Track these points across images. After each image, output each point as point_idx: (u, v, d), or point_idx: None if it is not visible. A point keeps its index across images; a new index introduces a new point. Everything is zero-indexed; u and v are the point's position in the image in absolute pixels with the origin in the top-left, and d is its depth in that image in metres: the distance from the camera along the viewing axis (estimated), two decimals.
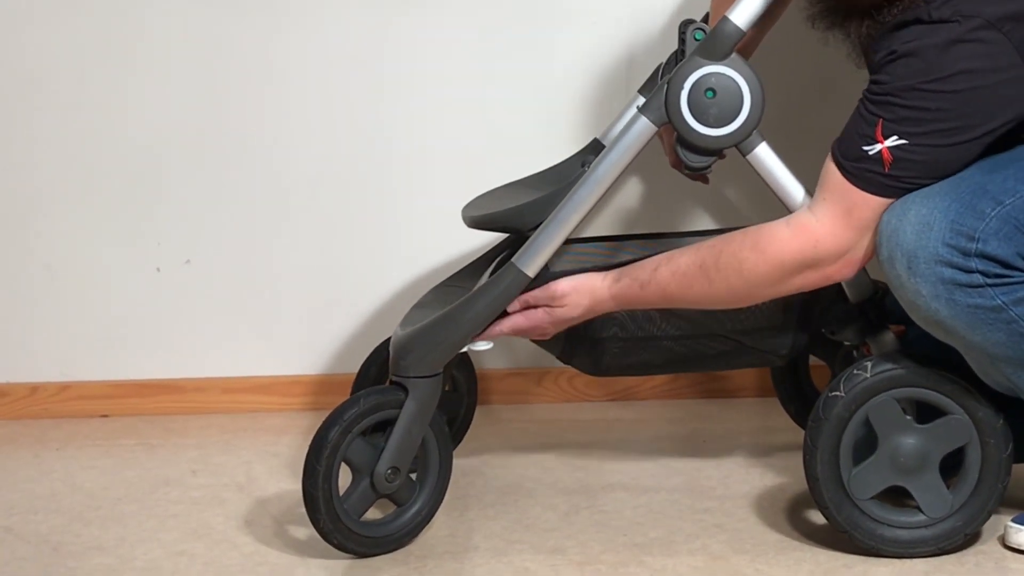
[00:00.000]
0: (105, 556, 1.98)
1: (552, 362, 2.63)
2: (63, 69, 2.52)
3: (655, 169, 2.41)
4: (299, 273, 2.59)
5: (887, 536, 1.93)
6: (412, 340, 1.99)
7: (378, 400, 1.97)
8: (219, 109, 2.55)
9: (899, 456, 1.91)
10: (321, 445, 1.93)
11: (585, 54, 2.54)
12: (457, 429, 2.31)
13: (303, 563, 1.95)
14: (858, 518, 1.93)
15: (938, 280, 1.81)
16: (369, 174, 2.57)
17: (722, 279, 1.92)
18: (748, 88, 1.93)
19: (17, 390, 2.59)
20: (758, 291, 1.93)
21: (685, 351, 2.10)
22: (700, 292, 1.94)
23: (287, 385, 2.61)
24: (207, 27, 2.52)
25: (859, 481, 1.92)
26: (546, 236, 1.98)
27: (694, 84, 1.92)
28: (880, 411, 1.91)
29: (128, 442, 2.46)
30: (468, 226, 2.16)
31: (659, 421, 2.53)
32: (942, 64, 1.81)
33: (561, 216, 1.98)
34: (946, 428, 1.91)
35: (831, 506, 1.93)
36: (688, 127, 1.93)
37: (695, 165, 1.96)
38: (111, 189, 2.56)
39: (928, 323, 1.85)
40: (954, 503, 1.92)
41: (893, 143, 1.83)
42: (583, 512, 2.11)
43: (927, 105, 1.81)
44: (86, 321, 2.58)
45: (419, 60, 2.54)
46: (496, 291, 1.99)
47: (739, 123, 1.93)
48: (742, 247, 1.91)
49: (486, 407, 2.57)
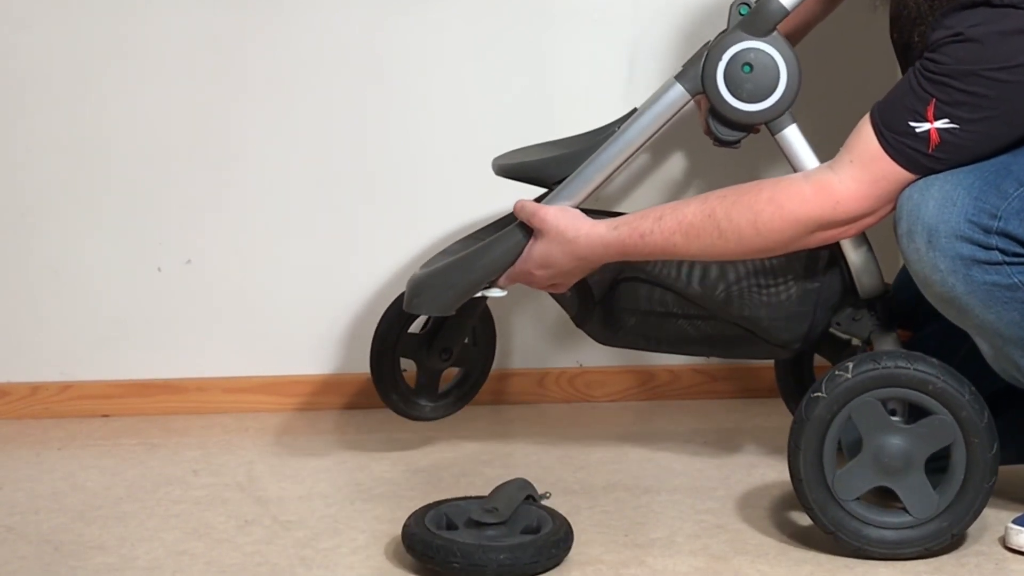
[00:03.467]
0: (106, 555, 1.98)
1: (553, 362, 2.64)
2: (64, 69, 2.52)
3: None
4: (300, 273, 2.59)
5: (873, 537, 1.91)
6: (427, 279, 2.04)
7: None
8: (220, 109, 2.55)
9: (883, 456, 1.90)
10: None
11: (587, 54, 2.54)
12: (471, 386, 2.36)
13: (304, 563, 1.95)
14: (843, 519, 1.91)
15: (956, 256, 1.81)
16: (370, 174, 2.57)
17: (733, 230, 1.89)
18: (785, 68, 1.94)
19: (18, 390, 2.59)
20: (769, 246, 1.91)
21: (696, 333, 2.10)
22: (707, 243, 1.91)
23: (288, 385, 2.61)
24: (208, 27, 2.52)
25: (843, 482, 1.91)
26: (568, 191, 2.01)
27: (732, 57, 1.94)
28: (862, 412, 1.90)
29: (129, 442, 2.46)
30: (496, 174, 2.18)
31: (660, 422, 2.53)
32: (1006, 53, 1.79)
33: (585, 173, 2.01)
34: (930, 428, 1.90)
35: (815, 507, 1.92)
36: (721, 99, 1.95)
37: (725, 138, 1.97)
38: (112, 189, 2.56)
39: (942, 300, 1.85)
40: (940, 503, 1.90)
41: (944, 125, 1.82)
42: (584, 512, 2.11)
43: (986, 92, 1.80)
44: (87, 321, 2.58)
45: (420, 60, 2.54)
46: (512, 240, 2.03)
47: (772, 101, 1.94)
48: (758, 199, 1.89)
49: (487, 407, 2.57)
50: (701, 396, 2.64)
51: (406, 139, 2.56)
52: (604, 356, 2.62)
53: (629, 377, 2.64)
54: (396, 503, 2.15)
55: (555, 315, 2.60)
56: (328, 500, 2.17)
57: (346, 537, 2.03)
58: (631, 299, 2.07)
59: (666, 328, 2.10)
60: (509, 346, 2.60)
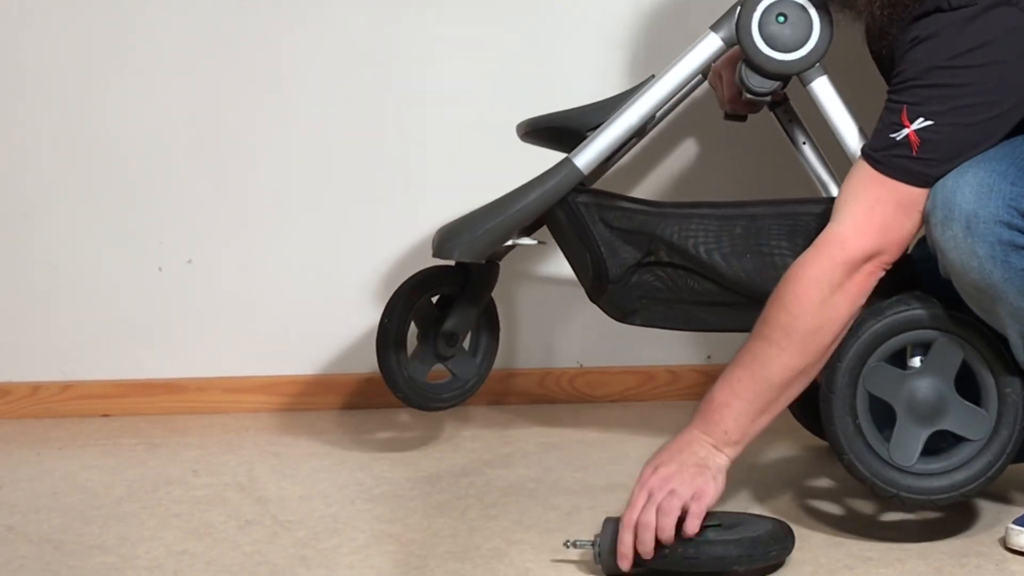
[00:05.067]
0: (107, 555, 1.98)
1: (554, 362, 2.63)
2: (65, 68, 2.53)
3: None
4: (301, 272, 2.59)
5: (944, 484, 1.91)
6: (460, 224, 2.06)
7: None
8: (221, 108, 2.55)
9: (915, 407, 1.91)
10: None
11: (587, 54, 2.54)
12: (468, 391, 2.30)
13: (304, 563, 1.95)
14: (909, 480, 1.91)
15: (996, 241, 1.81)
16: (370, 174, 2.57)
17: (776, 329, 1.87)
18: (818, 19, 1.98)
19: (19, 389, 2.59)
20: (812, 324, 1.86)
21: (712, 316, 2.10)
22: (772, 358, 1.87)
23: (289, 385, 2.61)
24: (209, 26, 2.52)
25: (898, 450, 1.91)
26: (604, 135, 2.06)
27: (767, 7, 1.98)
28: (875, 379, 1.91)
29: (130, 441, 2.46)
30: (524, 135, 2.19)
31: (660, 421, 2.53)
32: (961, 40, 1.82)
33: (620, 118, 2.05)
34: (938, 354, 1.91)
35: (873, 477, 1.92)
36: (756, 48, 1.99)
37: (757, 89, 2.00)
38: (113, 188, 2.56)
39: (977, 288, 1.84)
40: (990, 417, 1.90)
41: (920, 125, 1.84)
42: (585, 512, 2.11)
43: (949, 82, 1.83)
44: (88, 320, 2.58)
45: (420, 60, 2.54)
46: (548, 184, 2.06)
47: (806, 51, 1.98)
48: (776, 290, 1.89)
49: (487, 407, 2.57)
50: (701, 396, 2.63)
51: (406, 139, 2.57)
52: (605, 356, 2.62)
53: (630, 377, 2.64)
54: (396, 503, 2.15)
55: (556, 315, 2.60)
56: (328, 500, 2.17)
57: (346, 537, 2.03)
58: (640, 284, 2.07)
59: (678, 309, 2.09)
60: (510, 346, 2.60)
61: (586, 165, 2.06)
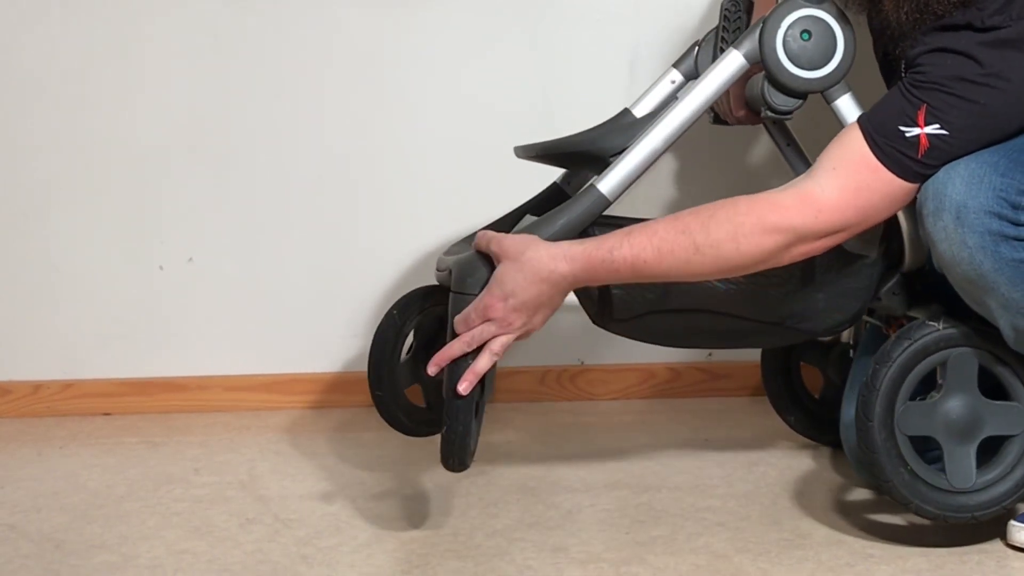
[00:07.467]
0: (108, 554, 1.98)
1: (554, 360, 2.64)
2: (66, 68, 2.53)
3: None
4: (302, 271, 2.59)
5: (983, 500, 1.92)
6: (478, 260, 1.94)
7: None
8: (222, 108, 2.55)
9: (955, 429, 1.90)
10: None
11: (587, 54, 2.54)
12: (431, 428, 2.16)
13: (305, 561, 1.95)
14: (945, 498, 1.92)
15: (986, 231, 1.80)
16: (370, 173, 2.57)
17: (711, 244, 1.85)
18: (842, 35, 1.95)
19: (20, 388, 2.59)
20: (747, 260, 1.86)
21: (717, 329, 2.06)
22: (681, 259, 1.86)
23: (290, 383, 2.61)
24: (210, 26, 2.52)
25: (956, 475, 1.91)
26: (629, 160, 1.97)
27: (791, 24, 1.94)
28: (907, 421, 1.90)
29: (131, 440, 2.46)
30: (535, 156, 2.11)
31: (661, 420, 2.53)
32: (996, 64, 1.81)
33: (645, 142, 1.98)
34: (955, 370, 1.91)
35: (945, 512, 1.92)
36: (780, 66, 1.94)
37: (780, 108, 1.96)
38: (114, 187, 2.56)
39: (968, 279, 1.84)
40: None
41: (933, 131, 1.82)
42: (586, 510, 2.11)
43: (975, 98, 1.82)
44: (89, 319, 2.59)
45: (420, 60, 2.54)
46: (575, 212, 1.96)
47: (830, 68, 1.95)
48: (736, 212, 1.85)
49: (488, 405, 2.57)
50: (702, 394, 2.65)
51: (406, 139, 2.57)
52: (605, 354, 2.62)
53: (630, 375, 2.64)
54: (397, 502, 2.15)
55: (557, 313, 2.60)
56: (329, 498, 2.17)
57: (347, 535, 2.03)
58: (644, 301, 2.03)
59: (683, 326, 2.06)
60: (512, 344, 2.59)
61: (611, 192, 1.97)
